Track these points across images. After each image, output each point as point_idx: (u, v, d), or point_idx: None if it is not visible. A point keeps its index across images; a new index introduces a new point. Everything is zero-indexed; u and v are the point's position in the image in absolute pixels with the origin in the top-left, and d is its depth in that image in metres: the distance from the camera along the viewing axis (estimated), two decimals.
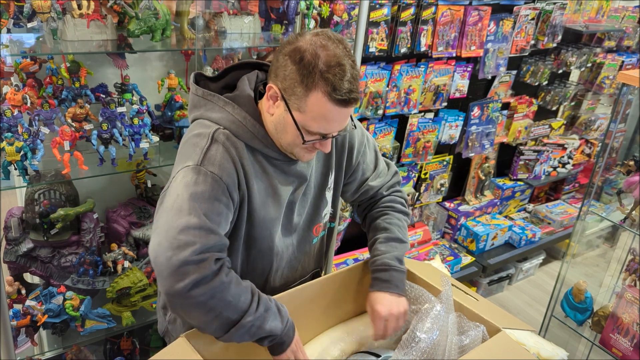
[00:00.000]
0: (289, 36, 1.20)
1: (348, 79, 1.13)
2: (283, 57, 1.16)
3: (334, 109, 1.15)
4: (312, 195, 1.41)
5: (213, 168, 1.16)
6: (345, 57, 1.15)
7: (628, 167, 2.27)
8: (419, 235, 3.18)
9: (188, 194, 1.14)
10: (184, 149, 1.24)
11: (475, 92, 3.08)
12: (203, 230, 1.12)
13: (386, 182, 1.55)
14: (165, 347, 1.19)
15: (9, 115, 1.57)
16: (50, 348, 1.93)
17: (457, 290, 1.49)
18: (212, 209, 1.15)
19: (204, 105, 1.26)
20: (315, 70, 1.12)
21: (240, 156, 1.21)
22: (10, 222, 1.78)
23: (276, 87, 1.18)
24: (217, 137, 1.20)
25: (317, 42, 1.14)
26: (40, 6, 1.54)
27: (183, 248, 1.09)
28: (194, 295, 1.09)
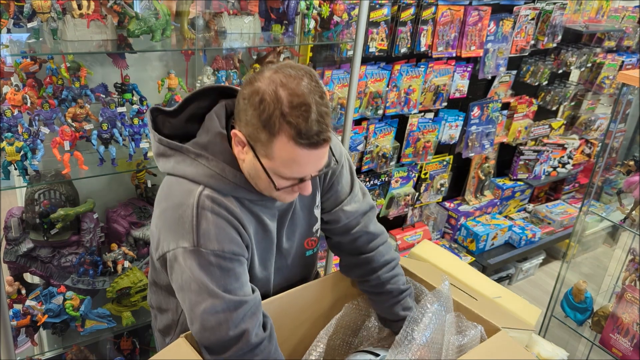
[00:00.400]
0: (248, 75, 1.09)
1: (315, 119, 1.02)
2: (243, 101, 1.06)
3: (304, 152, 1.04)
4: (301, 217, 1.34)
5: (212, 245, 1.10)
6: (311, 93, 1.02)
7: (628, 167, 2.27)
8: (419, 235, 3.18)
9: (199, 277, 1.10)
10: (167, 221, 1.14)
11: (475, 92, 3.08)
12: (230, 309, 1.11)
13: (360, 211, 1.41)
14: (165, 347, 1.19)
15: (9, 115, 1.57)
16: (50, 348, 1.93)
17: (456, 289, 1.49)
18: (229, 281, 1.12)
19: (172, 156, 1.17)
20: (276, 114, 1.01)
21: (232, 213, 1.14)
22: (10, 222, 1.78)
23: (240, 134, 1.08)
24: (203, 205, 1.11)
25: (277, 80, 1.02)
26: (40, 6, 1.54)
27: (217, 329, 1.10)
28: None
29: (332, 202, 1.39)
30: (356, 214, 1.40)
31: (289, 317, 1.41)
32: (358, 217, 1.40)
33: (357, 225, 1.40)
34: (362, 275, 1.45)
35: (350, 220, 1.40)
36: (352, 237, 1.41)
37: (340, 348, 1.50)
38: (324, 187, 1.37)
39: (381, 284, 1.42)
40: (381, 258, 1.42)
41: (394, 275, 1.43)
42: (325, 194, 1.38)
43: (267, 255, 1.30)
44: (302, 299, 1.42)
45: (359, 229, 1.40)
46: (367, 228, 1.41)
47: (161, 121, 1.21)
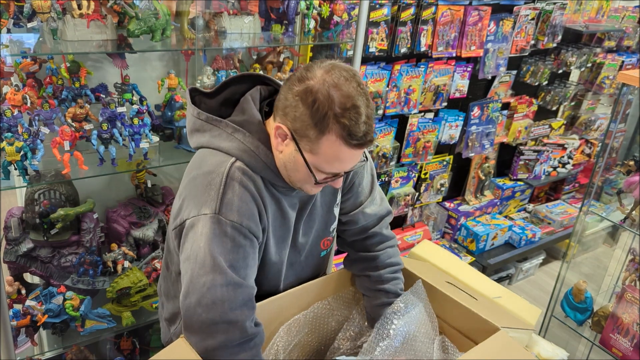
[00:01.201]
0: (298, 71, 1.12)
1: (364, 121, 1.07)
2: (293, 97, 1.09)
3: (349, 151, 1.10)
4: (320, 214, 1.36)
5: (232, 216, 1.12)
6: (360, 95, 1.08)
7: (628, 167, 2.27)
8: (419, 235, 3.18)
9: (210, 248, 1.10)
10: (194, 189, 1.16)
11: (475, 92, 3.08)
12: (230, 286, 1.10)
13: (379, 214, 1.44)
14: (165, 347, 1.19)
15: (9, 115, 1.57)
16: (50, 348, 1.93)
17: (456, 289, 1.49)
18: (237, 258, 1.12)
19: (208, 131, 1.20)
20: (329, 114, 1.06)
21: (258, 189, 1.17)
22: (10, 222, 1.78)
23: (286, 127, 1.12)
24: (233, 175, 1.14)
25: (330, 81, 1.07)
26: (40, 6, 1.54)
27: (211, 307, 1.09)
28: (217, 356, 1.09)
29: (352, 203, 1.42)
30: (374, 217, 1.44)
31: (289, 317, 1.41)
32: (375, 219, 1.44)
33: (373, 227, 1.44)
34: (364, 270, 1.47)
35: (368, 222, 1.44)
36: (366, 236, 1.45)
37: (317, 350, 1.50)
38: (344, 187, 1.39)
39: (380, 282, 1.43)
40: (387, 259, 1.45)
41: (395, 278, 1.45)
42: (346, 194, 1.40)
43: (283, 244, 1.31)
44: (302, 299, 1.42)
45: (374, 230, 1.44)
46: (381, 230, 1.45)
47: (198, 101, 1.25)
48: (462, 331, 1.44)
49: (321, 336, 1.48)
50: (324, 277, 1.48)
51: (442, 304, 1.47)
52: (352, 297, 1.54)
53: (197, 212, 1.13)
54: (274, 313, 1.35)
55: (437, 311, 1.48)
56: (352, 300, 1.54)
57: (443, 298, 1.46)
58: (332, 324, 1.49)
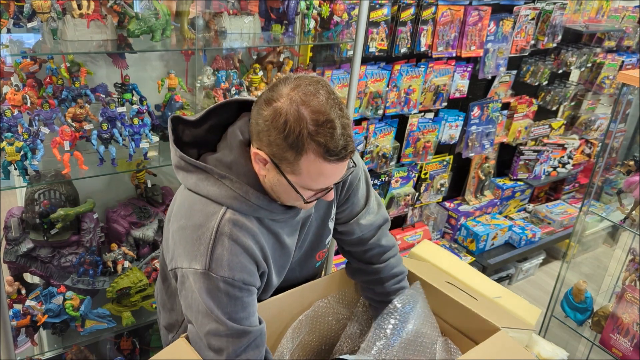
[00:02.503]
0: (264, 93, 1.07)
1: (340, 134, 1.02)
2: (264, 122, 1.04)
3: (330, 166, 1.06)
4: (315, 227, 1.34)
5: (222, 271, 1.09)
6: (331, 107, 1.02)
7: (628, 167, 2.27)
8: (419, 235, 3.18)
9: (206, 301, 1.11)
10: (185, 239, 1.14)
11: (475, 92, 3.08)
12: (234, 335, 1.12)
13: (375, 224, 1.42)
14: (165, 347, 1.19)
15: (9, 115, 1.57)
16: (50, 348, 1.93)
17: (456, 289, 1.49)
18: (235, 310, 1.12)
19: (194, 174, 1.16)
20: (303, 133, 1.01)
21: (252, 235, 1.14)
22: (10, 222, 1.78)
23: (263, 153, 1.08)
24: (222, 230, 1.10)
25: (297, 99, 1.01)
26: (40, 6, 1.54)
27: (219, 352, 1.12)
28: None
29: (348, 215, 1.40)
30: (371, 227, 1.41)
31: (289, 317, 1.41)
32: (372, 230, 1.42)
33: (371, 238, 1.42)
34: (368, 283, 1.47)
35: (364, 233, 1.41)
36: (365, 249, 1.43)
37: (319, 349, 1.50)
38: (340, 199, 1.37)
39: (386, 294, 1.43)
40: (390, 270, 1.44)
41: (400, 287, 1.45)
42: (341, 207, 1.38)
43: (283, 271, 1.31)
44: (302, 299, 1.42)
45: (372, 242, 1.42)
46: (379, 241, 1.43)
47: (182, 129, 1.21)
48: (462, 331, 1.44)
49: (322, 335, 1.48)
50: (324, 277, 1.48)
51: (442, 304, 1.47)
52: (353, 296, 1.54)
53: (188, 264, 1.12)
54: (274, 313, 1.35)
55: (437, 311, 1.48)
56: (352, 299, 1.54)
57: (443, 298, 1.46)
58: (333, 323, 1.49)
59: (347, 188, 1.35)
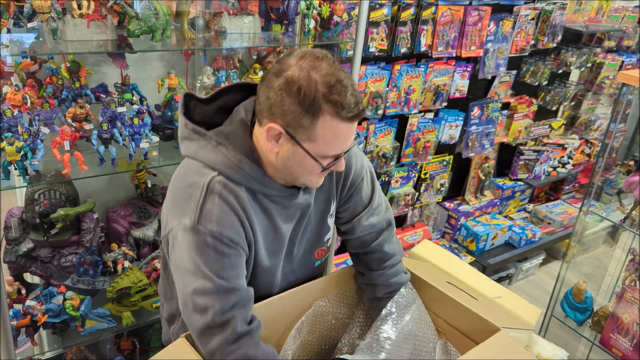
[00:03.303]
0: (272, 68, 1.11)
1: (351, 93, 1.08)
2: (275, 93, 1.08)
3: (345, 126, 1.10)
4: (313, 222, 1.35)
5: (211, 226, 1.11)
6: (339, 70, 1.08)
7: (628, 167, 2.27)
8: (419, 235, 3.18)
9: (193, 258, 1.11)
10: (177, 199, 1.17)
11: (475, 92, 3.08)
12: (220, 292, 1.11)
13: (377, 227, 1.42)
14: (165, 347, 1.19)
15: (9, 115, 1.57)
16: (50, 348, 1.93)
17: (456, 289, 1.49)
18: (223, 267, 1.12)
19: (195, 141, 1.19)
20: (317, 96, 1.06)
21: (240, 202, 1.15)
22: (10, 222, 1.78)
23: (277, 125, 1.10)
24: (213, 188, 1.13)
25: (306, 66, 1.07)
26: (40, 6, 1.54)
27: (204, 312, 1.10)
28: (222, 356, 1.11)
29: (350, 213, 1.41)
30: (372, 229, 1.41)
31: (290, 317, 1.41)
32: (374, 233, 1.42)
33: (372, 242, 1.42)
34: (364, 284, 1.48)
35: (365, 234, 1.41)
36: (366, 251, 1.43)
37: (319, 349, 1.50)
38: (342, 197, 1.38)
39: (377, 299, 1.44)
40: (385, 280, 1.43)
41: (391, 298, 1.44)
42: (344, 204, 1.39)
43: (275, 258, 1.30)
44: (303, 299, 1.42)
45: (374, 247, 1.42)
46: (382, 247, 1.42)
47: (193, 106, 1.25)
48: (462, 331, 1.44)
49: (322, 335, 1.48)
50: (324, 277, 1.48)
51: (442, 304, 1.47)
52: (354, 295, 1.54)
53: (178, 222, 1.14)
54: (275, 313, 1.35)
55: (437, 311, 1.48)
56: (353, 298, 1.54)
57: (443, 298, 1.46)
58: (333, 322, 1.49)
59: (349, 185, 1.36)
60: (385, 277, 1.42)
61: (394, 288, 1.44)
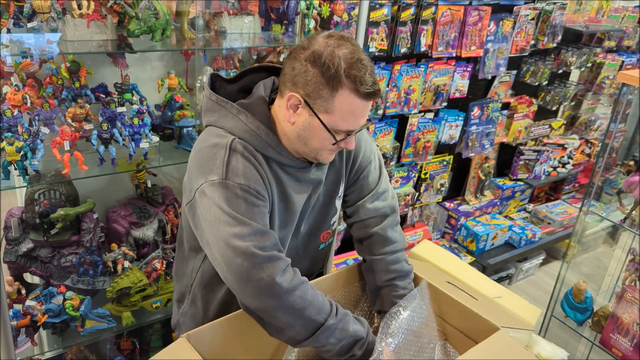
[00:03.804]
0: (300, 42, 1.20)
1: (370, 72, 1.16)
2: (302, 64, 1.16)
3: (361, 103, 1.17)
4: (321, 202, 1.39)
5: (239, 179, 1.17)
6: (360, 52, 1.16)
7: (628, 167, 2.27)
8: (419, 235, 3.18)
9: (226, 208, 1.15)
10: (201, 159, 1.22)
11: (475, 92, 3.08)
12: (258, 234, 1.15)
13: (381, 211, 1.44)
14: (165, 347, 1.19)
15: (9, 115, 1.57)
16: (50, 348, 1.93)
17: (456, 289, 1.49)
18: (255, 215, 1.17)
19: (217, 111, 1.26)
20: (339, 70, 1.13)
21: (260, 164, 1.22)
22: (10, 222, 1.78)
23: (298, 95, 1.18)
24: (235, 147, 1.20)
25: (332, 43, 1.15)
26: (40, 6, 1.54)
27: (248, 252, 1.12)
28: (278, 289, 1.12)
29: (356, 196, 1.46)
30: (376, 213, 1.44)
31: None
32: (377, 217, 1.44)
33: (375, 226, 1.44)
34: (365, 271, 1.48)
35: (369, 217, 1.44)
36: (368, 236, 1.45)
37: None
38: (350, 178, 1.43)
39: (377, 288, 1.44)
40: (385, 265, 1.43)
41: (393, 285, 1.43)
42: (351, 187, 1.45)
43: (285, 229, 1.33)
44: None
45: (376, 230, 1.44)
46: (384, 231, 1.44)
47: (218, 85, 1.32)
48: (462, 331, 1.44)
49: None
50: (328, 275, 1.48)
51: (442, 304, 1.46)
52: (357, 293, 1.54)
53: (204, 179, 1.18)
54: None
55: (437, 311, 1.48)
56: (356, 296, 1.54)
57: (443, 298, 1.46)
58: None
59: (357, 167, 1.42)
60: (385, 263, 1.43)
61: (394, 275, 1.43)
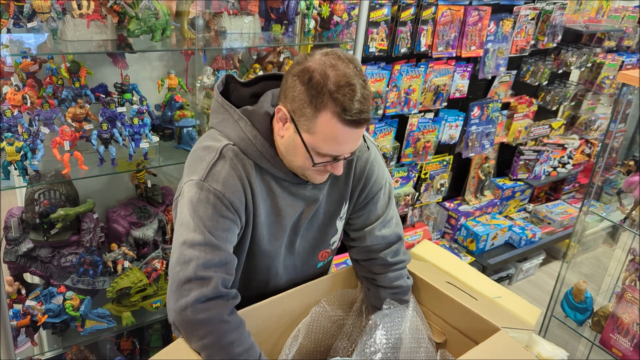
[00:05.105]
0: (299, 56, 1.17)
1: (358, 99, 1.09)
2: (292, 78, 1.13)
3: (344, 129, 1.11)
4: (320, 221, 1.37)
5: (216, 185, 1.16)
6: (356, 76, 1.10)
7: (628, 167, 2.27)
8: (419, 235, 3.18)
9: (192, 210, 1.15)
10: (192, 160, 1.24)
11: (475, 92, 3.08)
12: (208, 247, 1.13)
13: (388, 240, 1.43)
14: (165, 347, 1.19)
15: (9, 115, 1.57)
16: (50, 348, 1.93)
17: (456, 289, 1.49)
18: (217, 226, 1.15)
19: (221, 114, 1.26)
20: (324, 91, 1.08)
21: (247, 174, 1.20)
22: (10, 222, 1.78)
23: (285, 109, 1.15)
24: (225, 153, 1.19)
25: (327, 62, 1.10)
26: (40, 6, 1.54)
27: (187, 263, 1.12)
28: (193, 312, 1.10)
29: (362, 222, 1.43)
30: (382, 241, 1.43)
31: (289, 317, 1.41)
32: (383, 244, 1.43)
33: (379, 252, 1.43)
34: (367, 287, 1.49)
35: (374, 244, 1.43)
36: (371, 258, 1.44)
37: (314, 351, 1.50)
38: (357, 202, 1.39)
39: (380, 300, 1.44)
40: (389, 282, 1.44)
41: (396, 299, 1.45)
42: (358, 211, 1.41)
43: (276, 242, 1.31)
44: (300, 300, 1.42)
45: (381, 256, 1.43)
46: (386, 257, 1.43)
47: (232, 87, 1.30)
48: (462, 331, 1.44)
49: (317, 339, 1.48)
50: (325, 277, 1.48)
51: (442, 304, 1.47)
52: (350, 296, 1.54)
53: (187, 178, 1.19)
54: (270, 314, 1.35)
55: (437, 311, 1.48)
56: (350, 299, 1.54)
57: (443, 298, 1.46)
58: (328, 325, 1.49)
59: (367, 193, 1.39)
60: (389, 280, 1.43)
61: (397, 291, 1.45)
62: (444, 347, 1.49)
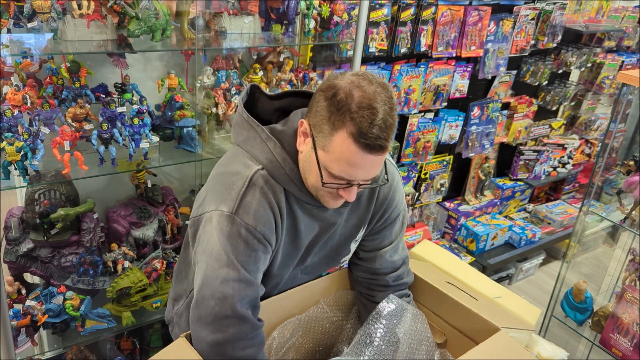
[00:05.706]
0: (331, 73, 1.14)
1: (378, 124, 1.04)
2: (319, 93, 1.11)
3: (358, 153, 1.06)
4: (335, 243, 1.36)
5: (248, 218, 1.13)
6: (382, 102, 1.06)
7: (628, 167, 2.27)
8: (419, 235, 3.18)
9: (225, 245, 1.13)
10: (219, 185, 1.19)
11: (475, 92, 3.08)
12: (242, 283, 1.13)
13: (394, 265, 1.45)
14: (165, 347, 1.19)
15: (9, 115, 1.57)
16: (50, 348, 1.93)
17: (456, 289, 1.49)
18: (249, 260, 1.15)
19: (247, 131, 1.22)
20: (344, 109, 1.05)
21: (277, 200, 1.18)
22: (10, 222, 1.78)
23: (307, 123, 1.13)
24: (256, 181, 1.16)
25: (355, 82, 1.07)
26: (40, 6, 1.54)
27: (224, 300, 1.11)
28: (232, 349, 1.12)
29: (375, 245, 1.43)
30: (390, 266, 1.44)
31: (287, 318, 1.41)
32: (389, 268, 1.44)
33: (385, 275, 1.44)
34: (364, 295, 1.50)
35: (382, 267, 1.43)
36: (373, 279, 1.46)
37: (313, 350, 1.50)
38: (375, 226, 1.39)
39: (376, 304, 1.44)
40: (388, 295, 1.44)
41: None
42: (374, 235, 1.41)
43: (289, 262, 1.31)
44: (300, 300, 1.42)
45: (385, 278, 1.44)
46: (388, 282, 1.44)
47: (258, 98, 1.27)
48: (462, 331, 1.44)
49: (316, 338, 1.48)
50: (320, 279, 1.48)
51: (443, 304, 1.47)
52: (349, 297, 1.54)
53: (215, 207, 1.16)
54: (270, 314, 1.35)
55: (437, 311, 1.48)
56: (348, 301, 1.54)
57: (443, 298, 1.46)
58: (327, 326, 1.49)
59: (385, 218, 1.38)
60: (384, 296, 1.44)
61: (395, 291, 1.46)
62: (444, 347, 1.49)
